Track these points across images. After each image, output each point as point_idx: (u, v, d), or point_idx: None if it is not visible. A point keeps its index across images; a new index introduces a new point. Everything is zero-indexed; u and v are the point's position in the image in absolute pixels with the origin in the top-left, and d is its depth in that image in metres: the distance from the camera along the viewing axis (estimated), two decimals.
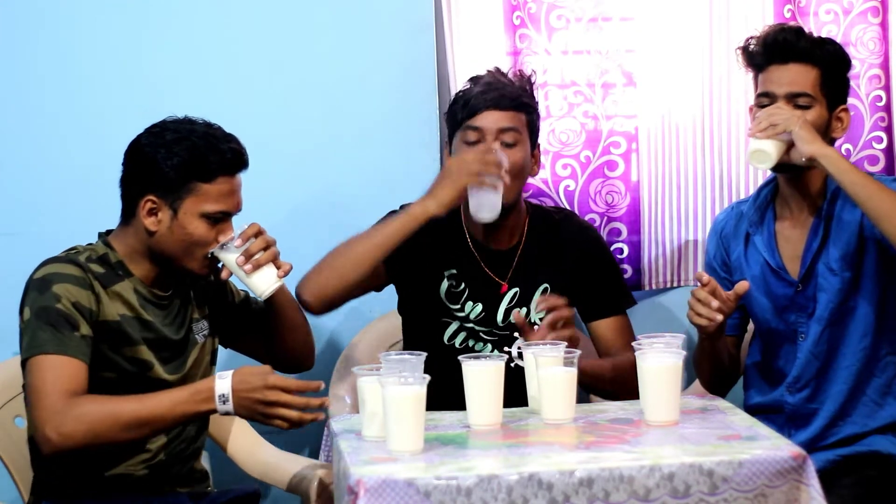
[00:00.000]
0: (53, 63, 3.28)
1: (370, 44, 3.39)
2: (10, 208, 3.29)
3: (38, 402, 2.45)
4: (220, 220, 2.59)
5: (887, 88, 3.45)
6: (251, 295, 2.80)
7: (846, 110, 2.84)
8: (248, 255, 2.61)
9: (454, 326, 2.95)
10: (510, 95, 2.86)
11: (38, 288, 2.52)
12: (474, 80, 2.91)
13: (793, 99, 2.78)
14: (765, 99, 2.82)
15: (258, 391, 2.43)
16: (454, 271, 2.94)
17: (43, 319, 2.48)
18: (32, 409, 2.47)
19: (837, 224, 2.81)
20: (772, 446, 2.29)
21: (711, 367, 2.90)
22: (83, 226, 2.65)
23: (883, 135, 3.44)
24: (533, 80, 2.95)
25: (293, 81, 3.37)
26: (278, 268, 2.65)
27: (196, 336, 2.71)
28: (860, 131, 3.45)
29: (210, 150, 2.56)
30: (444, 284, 2.94)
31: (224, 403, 2.44)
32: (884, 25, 3.43)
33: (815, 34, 2.95)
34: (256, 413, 2.45)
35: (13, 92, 3.28)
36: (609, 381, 2.88)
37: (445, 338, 2.94)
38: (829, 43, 2.85)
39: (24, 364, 2.50)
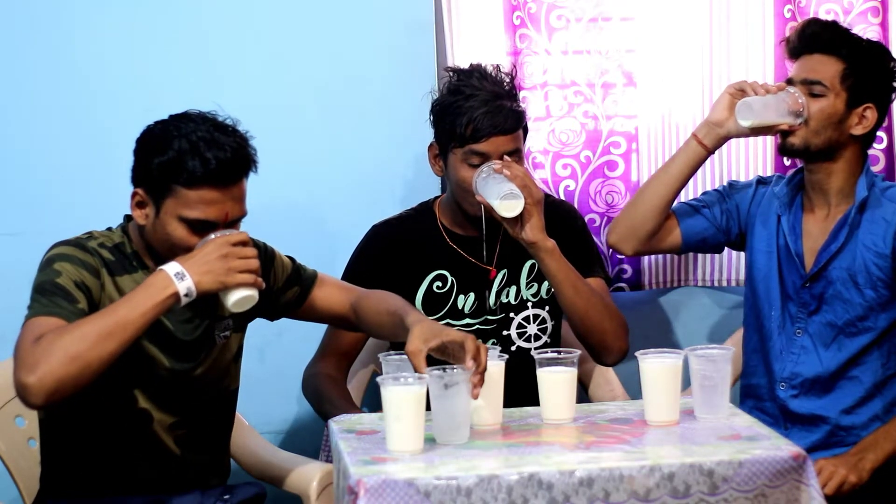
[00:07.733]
0: (53, 63, 3.27)
1: (370, 43, 3.39)
2: (10, 208, 3.28)
3: (14, 360, 2.31)
4: (199, 228, 2.45)
5: None
6: (297, 261, 2.76)
7: (872, 108, 2.84)
8: None
9: None
10: (513, 117, 2.86)
11: (41, 268, 2.45)
12: (467, 86, 2.86)
13: (808, 85, 2.83)
14: (788, 84, 2.86)
15: (216, 249, 2.37)
16: (440, 272, 2.97)
17: (39, 292, 2.41)
18: (13, 372, 2.30)
19: (865, 236, 2.80)
20: (772, 446, 2.29)
21: (649, 204, 2.99)
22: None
23: (883, 135, 3.43)
24: (515, 74, 2.97)
25: (293, 81, 3.37)
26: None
27: (216, 336, 2.61)
28: None
29: (194, 155, 2.43)
30: (421, 293, 2.96)
31: (182, 280, 2.34)
32: (884, 25, 3.43)
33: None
34: (221, 270, 2.36)
35: (13, 92, 3.27)
36: (574, 287, 2.86)
37: None
38: (865, 42, 2.89)
39: None
